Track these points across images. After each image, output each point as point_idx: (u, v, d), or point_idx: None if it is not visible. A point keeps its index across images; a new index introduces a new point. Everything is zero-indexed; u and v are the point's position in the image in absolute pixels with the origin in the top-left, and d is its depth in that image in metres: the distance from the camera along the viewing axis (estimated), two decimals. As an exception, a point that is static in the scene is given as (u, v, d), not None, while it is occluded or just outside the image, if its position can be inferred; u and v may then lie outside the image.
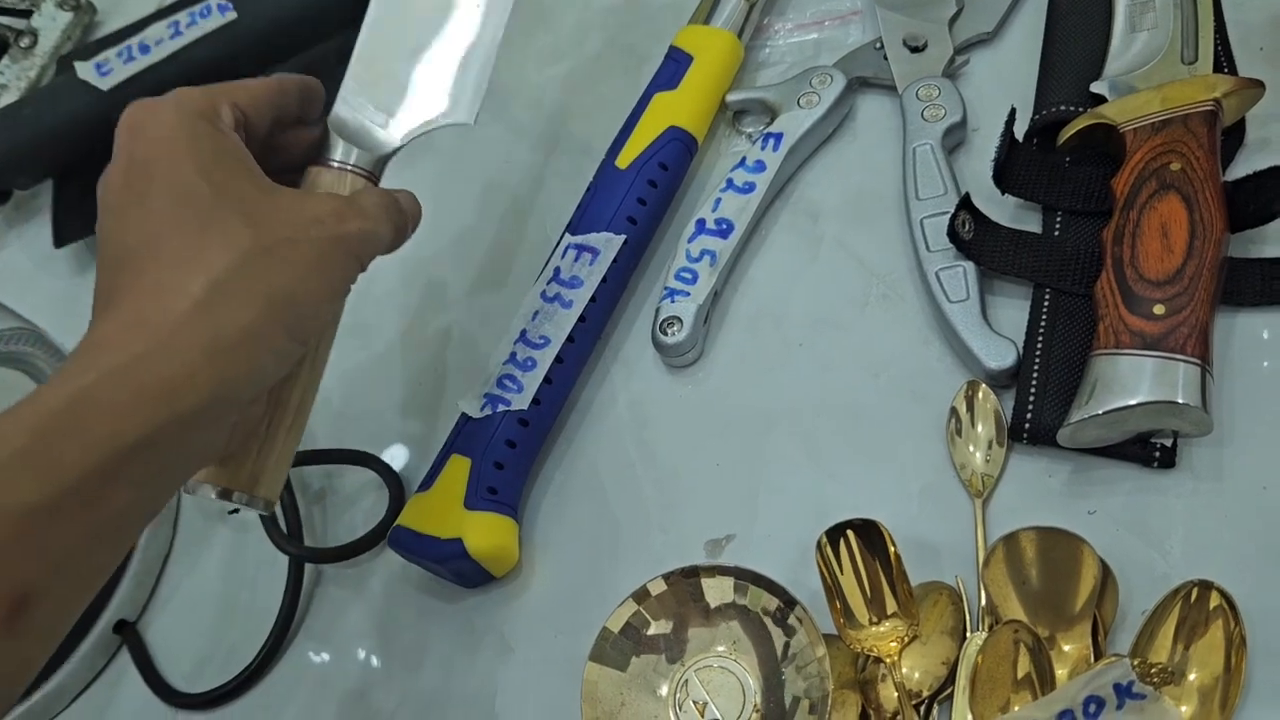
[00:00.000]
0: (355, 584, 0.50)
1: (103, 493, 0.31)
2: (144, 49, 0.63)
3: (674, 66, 0.54)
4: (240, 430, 0.37)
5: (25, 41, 0.74)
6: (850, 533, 0.39)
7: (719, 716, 0.40)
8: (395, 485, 0.50)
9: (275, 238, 0.35)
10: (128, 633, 0.51)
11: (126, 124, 0.37)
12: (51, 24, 0.74)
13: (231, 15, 0.63)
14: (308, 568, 0.50)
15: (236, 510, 0.51)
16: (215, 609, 0.52)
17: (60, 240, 0.64)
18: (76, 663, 0.50)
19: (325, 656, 0.48)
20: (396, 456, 0.51)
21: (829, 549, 0.40)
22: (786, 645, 0.40)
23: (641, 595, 0.41)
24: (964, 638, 0.40)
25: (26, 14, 0.75)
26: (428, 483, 0.47)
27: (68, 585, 0.32)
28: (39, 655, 0.32)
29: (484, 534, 0.45)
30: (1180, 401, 0.39)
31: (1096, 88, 0.47)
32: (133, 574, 0.51)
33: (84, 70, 0.64)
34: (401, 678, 0.47)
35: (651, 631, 0.41)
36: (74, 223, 0.65)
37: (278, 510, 0.50)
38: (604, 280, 0.50)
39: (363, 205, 0.39)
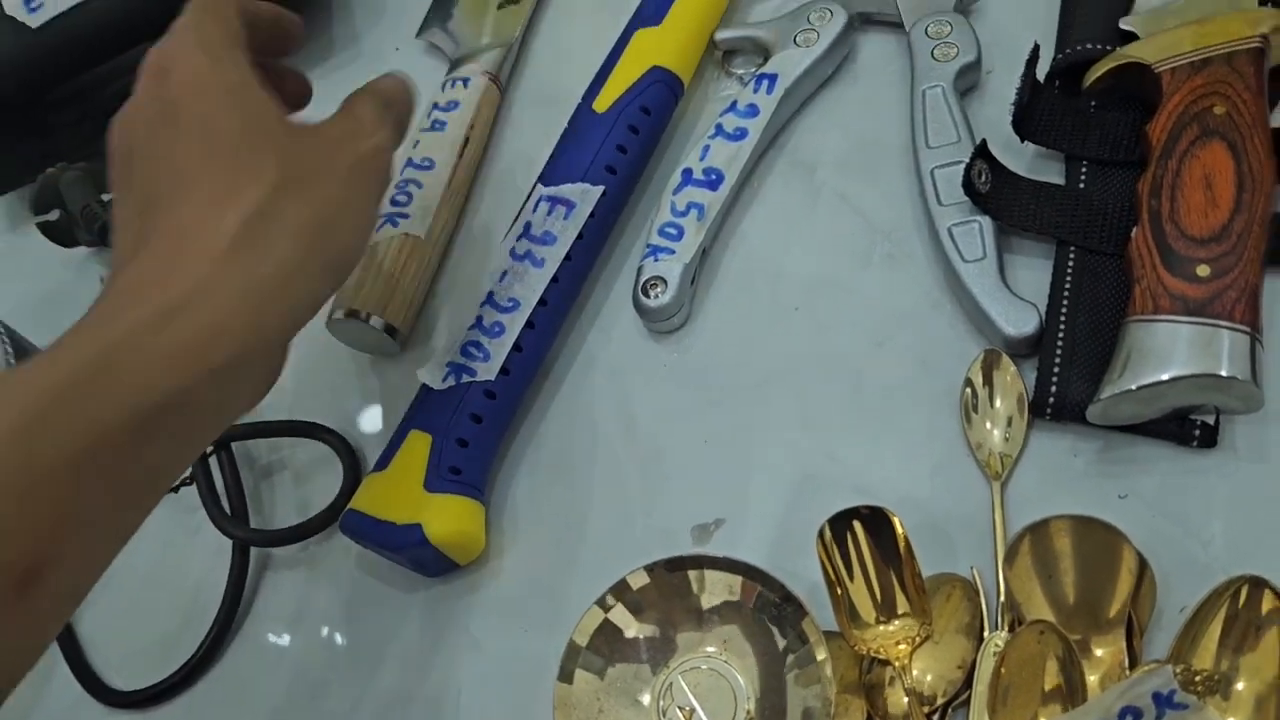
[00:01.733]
0: (307, 570, 0.45)
1: (131, 451, 0.30)
2: (77, -18, 0.58)
3: (655, 1, 0.49)
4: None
5: (-48, -25, 0.68)
6: (856, 522, 0.35)
7: (707, 724, 0.35)
8: (350, 460, 0.45)
9: (303, 169, 0.35)
10: (57, 624, 0.46)
11: (151, 68, 0.36)
12: (-19, -43, 0.68)
13: (174, -58, 0.57)
14: (255, 552, 0.46)
15: (176, 489, 0.46)
16: (155, 598, 0.47)
17: (-11, 191, 0.59)
18: None
19: (273, 650, 0.44)
20: (353, 430, 0.47)
21: (832, 540, 0.35)
22: (784, 646, 0.35)
23: (620, 590, 0.36)
24: (981, 637, 0.36)
25: (-47, -55, 0.69)
26: (384, 462, 0.42)
27: (88, 551, 0.30)
28: (52, 626, 0.31)
29: (446, 519, 0.40)
30: (1226, 375, 0.35)
31: (1127, 23, 0.43)
32: (62, 559, 0.46)
33: (12, 5, 0.58)
34: (358, 674, 0.42)
35: (631, 631, 0.36)
36: (6, 171, 0.59)
37: (219, 489, 0.46)
38: (580, 236, 0.45)
39: (361, 117, 0.38)
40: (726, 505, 0.41)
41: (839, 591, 0.35)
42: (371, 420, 0.47)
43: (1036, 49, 0.42)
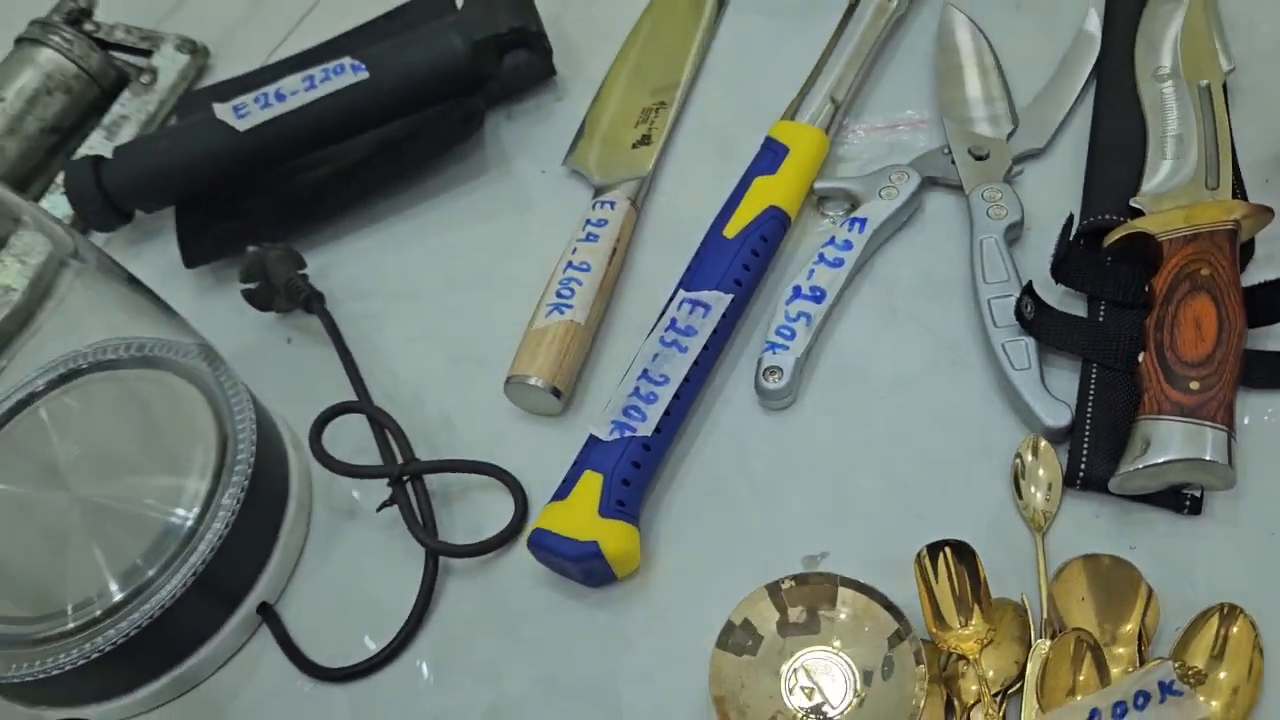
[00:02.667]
0: (481, 580, 0.56)
1: None
2: (279, 97, 0.71)
3: (771, 155, 0.63)
4: None
5: (146, 78, 0.81)
6: (947, 549, 0.48)
7: (825, 699, 0.47)
8: (520, 493, 0.57)
9: None
10: (268, 613, 0.57)
11: None
12: (170, 64, 0.82)
13: (364, 75, 0.70)
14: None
15: (379, 509, 0.57)
16: (345, 599, 0.58)
17: (191, 262, 0.70)
18: (222, 638, 0.56)
19: (456, 641, 0.55)
20: (521, 470, 0.58)
21: (927, 561, 0.48)
22: (887, 643, 0.48)
23: (774, 589, 0.48)
24: (1029, 645, 0.48)
25: (147, 53, 0.82)
26: (563, 494, 0.54)
27: None
28: None
29: (617, 539, 0.52)
30: (1209, 459, 0.48)
31: (1135, 202, 0.57)
32: (276, 561, 0.57)
33: (222, 111, 0.71)
34: (529, 663, 0.53)
35: (776, 622, 0.48)
36: (202, 246, 0.71)
37: (414, 506, 0.57)
38: (714, 332, 0.58)
39: None
40: (829, 541, 0.53)
41: (930, 602, 0.48)
42: (535, 463, 0.59)
43: (1071, 218, 0.57)
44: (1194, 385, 0.50)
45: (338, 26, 0.83)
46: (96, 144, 0.78)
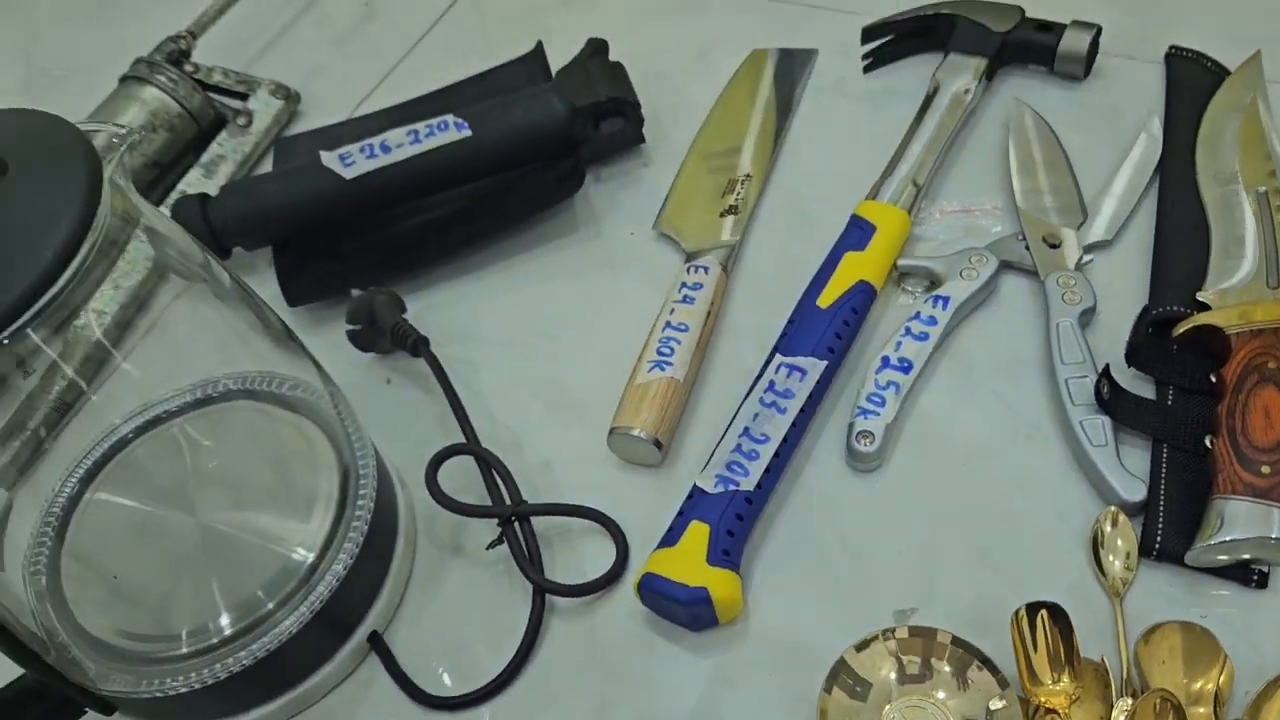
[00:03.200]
0: (581, 620, 0.59)
1: None
2: (385, 149, 0.74)
3: (859, 232, 0.68)
4: None
5: (242, 120, 0.84)
6: (1044, 610, 0.52)
7: (923, 746, 0.51)
8: (621, 538, 0.61)
9: None
10: (377, 642, 0.60)
11: None
12: (265, 108, 0.85)
13: (466, 133, 0.74)
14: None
15: (490, 547, 0.60)
16: (447, 631, 0.61)
17: (294, 301, 0.74)
18: (334, 666, 0.58)
19: (559, 677, 0.58)
20: (623, 517, 0.62)
21: (1025, 620, 0.52)
22: (990, 700, 0.51)
23: (886, 637, 0.52)
24: (1109, 703, 0.52)
25: (243, 96, 0.86)
26: (671, 541, 0.58)
27: None
28: None
29: (724, 586, 0.56)
30: (1276, 537, 0.53)
31: (1202, 297, 0.62)
32: (386, 593, 0.60)
33: (329, 159, 0.74)
34: (631, 699, 0.56)
35: (887, 669, 0.52)
36: (302, 286, 0.74)
37: (522, 545, 0.60)
38: (809, 395, 0.62)
39: None
40: (916, 597, 0.57)
41: (1024, 658, 0.52)
42: (631, 509, 0.62)
43: (1146, 309, 0.62)
44: (1265, 469, 0.54)
45: (419, 81, 0.87)
46: (194, 181, 0.81)
